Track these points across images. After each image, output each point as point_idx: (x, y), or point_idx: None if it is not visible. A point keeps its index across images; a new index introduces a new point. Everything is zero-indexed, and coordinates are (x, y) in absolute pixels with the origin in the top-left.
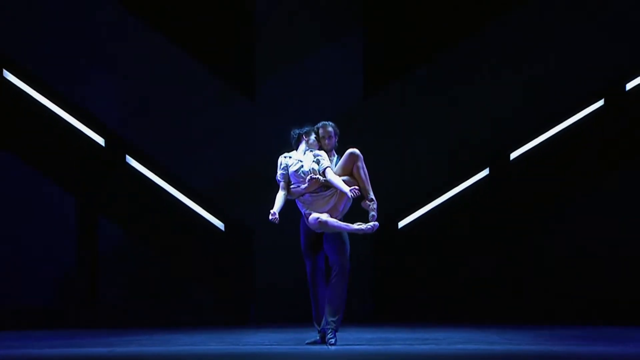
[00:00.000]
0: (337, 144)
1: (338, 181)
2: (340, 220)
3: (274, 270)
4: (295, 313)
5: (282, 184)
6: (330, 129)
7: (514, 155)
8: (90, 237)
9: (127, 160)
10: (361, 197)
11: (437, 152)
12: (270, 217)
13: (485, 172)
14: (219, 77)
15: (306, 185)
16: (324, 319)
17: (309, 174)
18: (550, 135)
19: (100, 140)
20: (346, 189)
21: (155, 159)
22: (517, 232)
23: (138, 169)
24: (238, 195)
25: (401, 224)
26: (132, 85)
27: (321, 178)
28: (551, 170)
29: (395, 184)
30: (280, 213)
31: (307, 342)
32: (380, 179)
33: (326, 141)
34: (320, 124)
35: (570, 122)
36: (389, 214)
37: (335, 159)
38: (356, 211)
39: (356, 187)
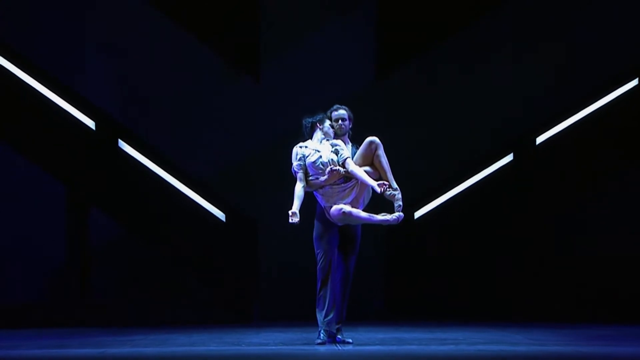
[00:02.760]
0: (350, 131)
1: (362, 174)
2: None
3: (280, 264)
4: (302, 311)
5: (299, 175)
6: (342, 111)
7: (540, 139)
8: (81, 229)
9: (119, 145)
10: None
11: (457, 136)
12: (290, 219)
13: (509, 158)
14: (221, 56)
15: (326, 177)
16: (336, 317)
17: (328, 165)
18: (579, 118)
19: (90, 123)
20: (373, 183)
21: (150, 143)
22: (543, 223)
23: (132, 155)
24: (240, 183)
25: (417, 214)
26: (125, 64)
27: (341, 170)
28: (580, 156)
29: (410, 171)
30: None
31: (317, 341)
32: (394, 166)
33: (339, 123)
34: (333, 107)
35: (601, 104)
36: (404, 203)
37: (350, 146)
38: (372, 202)
39: (384, 182)
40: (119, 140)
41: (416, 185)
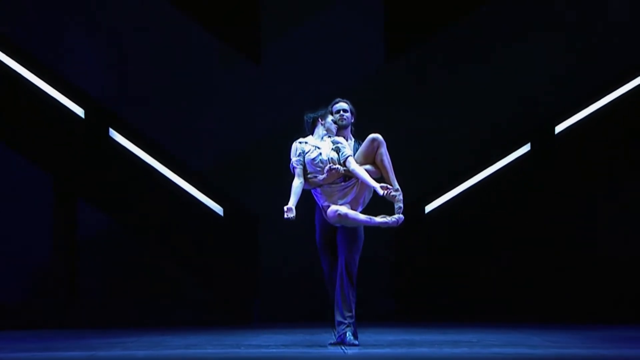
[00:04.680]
0: (353, 126)
1: (364, 174)
2: (361, 212)
3: (282, 261)
4: (305, 311)
5: (297, 171)
6: (343, 103)
7: (559, 128)
8: (68, 224)
9: (110, 134)
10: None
11: (470, 125)
12: (285, 214)
13: (526, 148)
14: (219, 38)
15: (325, 176)
16: (335, 320)
17: (327, 164)
18: (600, 106)
19: (79, 111)
20: (375, 184)
21: (143, 132)
22: (563, 217)
23: (123, 145)
24: (240, 174)
25: (428, 208)
26: (117, 47)
27: (341, 169)
28: (602, 146)
29: (421, 163)
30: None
31: (329, 343)
32: (404, 157)
33: (341, 114)
34: (334, 100)
35: (623, 91)
36: (414, 197)
37: (352, 142)
38: (374, 201)
39: (387, 184)
40: (110, 129)
41: (427, 177)
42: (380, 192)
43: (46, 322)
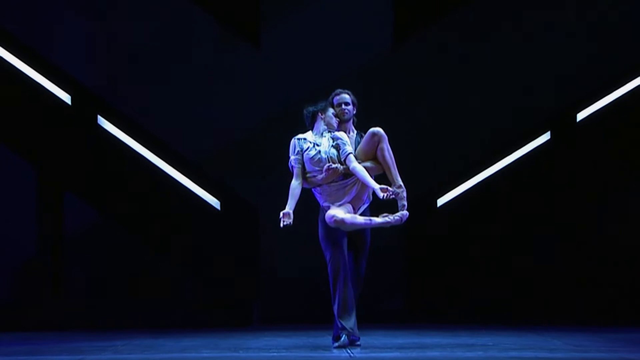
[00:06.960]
0: (355, 117)
1: (363, 173)
2: (366, 209)
3: (283, 259)
4: (308, 312)
5: (296, 170)
6: (345, 95)
7: (581, 116)
8: (54, 218)
9: (99, 122)
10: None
11: (486, 113)
12: (282, 220)
13: (545, 137)
14: (215, 19)
15: (323, 175)
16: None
17: (326, 162)
18: (624, 93)
19: (65, 97)
20: (375, 185)
21: (134, 120)
22: (585, 212)
23: (113, 133)
24: (238, 166)
25: (440, 202)
26: (106, 28)
27: (340, 167)
28: (626, 135)
29: (432, 153)
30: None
31: (335, 345)
32: (414, 148)
33: (342, 107)
34: (335, 92)
35: None
36: (425, 190)
37: (354, 135)
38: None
39: (387, 186)
40: (98, 117)
41: (439, 169)
42: (380, 194)
43: (31, 323)
